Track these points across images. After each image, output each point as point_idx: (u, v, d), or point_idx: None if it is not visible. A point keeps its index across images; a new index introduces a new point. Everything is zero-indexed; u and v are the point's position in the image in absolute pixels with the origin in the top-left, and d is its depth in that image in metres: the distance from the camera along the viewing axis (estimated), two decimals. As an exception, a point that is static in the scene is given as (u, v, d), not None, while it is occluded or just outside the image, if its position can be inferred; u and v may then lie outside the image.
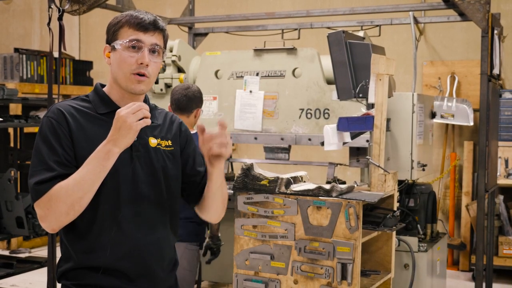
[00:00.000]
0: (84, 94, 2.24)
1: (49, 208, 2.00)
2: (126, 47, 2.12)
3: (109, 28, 2.20)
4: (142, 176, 2.17)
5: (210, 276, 5.53)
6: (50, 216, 2.02)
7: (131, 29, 2.13)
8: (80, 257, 2.12)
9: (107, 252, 2.11)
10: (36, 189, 2.02)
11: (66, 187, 2.00)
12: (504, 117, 6.68)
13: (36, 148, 2.09)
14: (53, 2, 4.01)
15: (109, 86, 2.22)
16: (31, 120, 6.19)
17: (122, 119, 1.97)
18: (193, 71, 5.47)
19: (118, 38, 2.15)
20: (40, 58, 7.84)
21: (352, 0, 7.51)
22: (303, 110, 4.97)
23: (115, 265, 2.12)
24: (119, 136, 1.98)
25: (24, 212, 5.64)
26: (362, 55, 3.83)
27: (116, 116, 1.99)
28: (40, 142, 2.08)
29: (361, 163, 4.71)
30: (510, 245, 6.45)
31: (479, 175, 5.05)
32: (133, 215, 2.15)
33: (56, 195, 2.00)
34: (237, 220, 3.51)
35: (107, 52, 2.19)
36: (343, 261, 3.27)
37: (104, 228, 2.11)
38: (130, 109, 1.98)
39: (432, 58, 7.31)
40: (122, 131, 1.98)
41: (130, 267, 2.14)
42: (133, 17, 2.14)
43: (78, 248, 2.12)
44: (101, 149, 2.01)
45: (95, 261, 2.11)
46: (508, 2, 7.03)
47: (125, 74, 2.13)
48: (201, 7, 7.57)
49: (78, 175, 2.01)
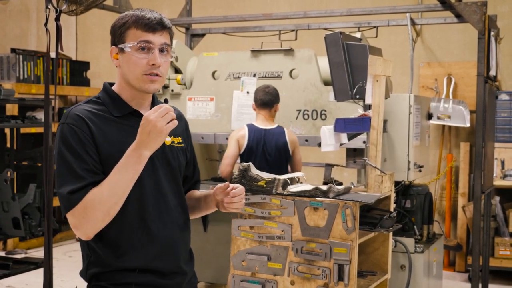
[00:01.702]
0: (95, 96, 2.21)
1: (85, 217, 2.01)
2: (136, 49, 2.11)
3: (114, 29, 2.17)
4: (162, 175, 2.20)
5: (207, 277, 5.53)
6: (86, 224, 2.02)
7: (139, 30, 2.11)
8: (113, 261, 2.12)
9: (139, 253, 2.13)
10: (70, 199, 2.01)
11: (101, 194, 2.00)
12: (500, 119, 6.70)
13: (62, 157, 2.06)
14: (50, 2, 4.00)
15: (120, 87, 2.21)
16: (28, 121, 6.18)
17: (152, 123, 1.99)
18: (190, 72, 5.47)
19: (126, 40, 2.13)
20: (37, 59, 7.83)
21: (349, 1, 7.52)
22: (300, 111, 4.97)
23: (148, 265, 2.15)
24: (150, 140, 2.01)
25: (20, 212, 5.63)
26: (359, 56, 3.83)
27: (144, 121, 2.00)
28: (65, 151, 2.06)
29: (358, 164, 4.72)
30: (506, 246, 6.46)
31: (476, 176, 5.06)
32: (159, 214, 2.18)
33: (91, 203, 2.00)
34: (234, 221, 3.52)
35: (115, 54, 2.17)
36: (340, 262, 3.28)
37: (133, 230, 2.13)
38: (158, 113, 2.00)
39: (429, 59, 7.32)
40: (153, 135, 2.00)
41: (163, 265, 2.18)
42: (140, 18, 2.12)
43: (110, 252, 2.12)
44: (131, 154, 2.02)
45: (129, 263, 2.13)
46: (504, 4, 7.05)
47: (137, 75, 2.13)
48: (198, 8, 7.57)
49: (111, 181, 2.02)
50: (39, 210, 5.99)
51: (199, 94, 5.33)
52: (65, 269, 6.54)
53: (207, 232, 5.34)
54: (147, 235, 2.14)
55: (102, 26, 9.01)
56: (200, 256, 5.49)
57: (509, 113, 6.75)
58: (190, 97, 5.36)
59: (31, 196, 5.92)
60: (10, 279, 5.93)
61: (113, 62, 2.19)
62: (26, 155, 6.83)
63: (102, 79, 9.03)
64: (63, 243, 7.96)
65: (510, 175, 6.58)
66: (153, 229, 2.16)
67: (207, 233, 5.34)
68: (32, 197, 5.92)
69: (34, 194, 5.94)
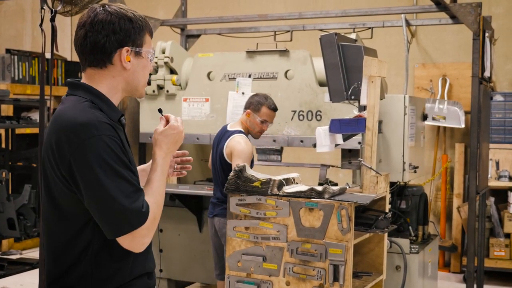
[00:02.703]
0: (84, 99, 2.03)
1: (152, 228, 2.00)
2: (150, 56, 2.13)
3: (129, 30, 2.04)
4: None
5: (202, 278, 5.53)
6: (149, 235, 2.01)
7: (149, 37, 2.12)
8: (126, 272, 2.06)
9: (142, 258, 2.11)
10: (144, 212, 1.95)
11: (157, 204, 2.03)
12: (495, 120, 6.72)
13: (114, 170, 1.92)
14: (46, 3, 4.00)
15: (111, 91, 2.08)
16: (23, 121, 6.18)
17: (181, 133, 2.13)
18: (186, 72, 5.47)
19: (144, 45, 2.08)
20: (32, 59, 7.82)
21: (344, 2, 7.53)
22: (295, 112, 4.98)
23: (146, 269, 2.15)
24: (175, 148, 2.14)
25: (15, 213, 5.62)
26: (354, 57, 3.84)
27: (174, 131, 2.11)
28: (114, 163, 1.92)
29: (353, 165, 4.73)
30: (501, 247, 6.48)
31: (470, 177, 5.07)
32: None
33: (157, 213, 2.02)
34: (230, 221, 3.52)
35: (127, 55, 2.05)
36: (335, 262, 3.28)
37: None
38: (180, 123, 2.13)
39: (424, 60, 7.34)
40: (178, 143, 2.13)
41: (151, 267, 2.20)
42: (148, 24, 2.12)
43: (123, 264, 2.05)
44: (164, 162, 2.10)
45: (141, 270, 2.12)
46: (499, 5, 7.07)
47: (144, 82, 2.15)
48: (194, 9, 7.57)
49: (157, 190, 2.05)
50: (34, 211, 5.99)
51: (194, 95, 5.32)
52: (60, 270, 6.52)
53: (202, 232, 5.34)
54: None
55: (97, 27, 8.99)
56: (195, 257, 5.50)
57: (503, 114, 6.77)
58: (185, 97, 5.35)
59: (26, 196, 5.92)
60: (5, 280, 5.92)
61: (123, 64, 2.05)
62: (21, 155, 6.82)
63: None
64: (58, 244, 7.94)
65: (505, 176, 6.60)
66: None
67: (202, 233, 5.34)
68: (27, 198, 5.92)
69: (29, 195, 5.94)
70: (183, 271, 5.52)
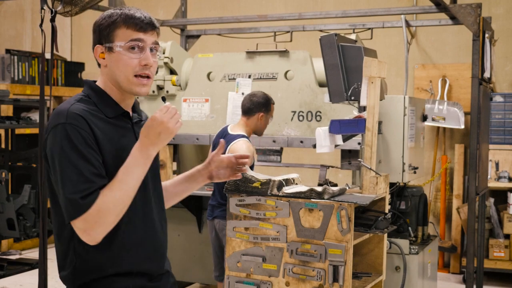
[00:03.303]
0: (81, 94, 2.13)
1: (98, 221, 1.96)
2: (127, 48, 2.07)
3: (100, 27, 2.10)
4: (148, 176, 2.16)
5: (202, 278, 5.53)
6: (98, 228, 1.97)
7: (129, 29, 2.07)
8: (106, 266, 2.08)
9: (131, 256, 2.10)
10: (81, 204, 1.95)
11: (113, 198, 1.97)
12: (494, 120, 6.72)
13: (67, 159, 1.97)
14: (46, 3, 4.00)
15: (107, 88, 2.14)
16: (23, 122, 6.18)
17: (164, 124, 2.00)
18: (186, 73, 5.47)
19: (115, 39, 2.08)
20: (32, 59, 7.82)
21: (344, 3, 7.53)
22: (295, 113, 4.98)
23: (140, 268, 2.13)
24: (159, 141, 2.02)
25: (15, 213, 5.63)
26: (354, 58, 3.84)
27: (154, 122, 2.00)
28: (70, 152, 1.97)
29: (353, 165, 4.73)
30: (500, 248, 6.48)
31: (470, 178, 5.07)
32: (146, 216, 2.17)
33: (106, 207, 1.96)
34: (229, 222, 3.52)
35: (100, 53, 2.11)
36: (335, 263, 3.28)
37: (126, 233, 2.10)
38: (169, 113, 2.01)
39: (424, 61, 7.34)
40: (163, 136, 2.01)
41: (151, 268, 2.17)
42: (130, 17, 2.08)
43: (103, 257, 2.07)
44: (140, 155, 2.02)
45: (123, 267, 2.10)
46: (499, 6, 7.07)
47: (127, 76, 2.09)
48: (194, 9, 7.57)
49: (121, 183, 1.99)
50: (34, 211, 5.99)
51: (194, 95, 5.32)
52: (59, 270, 6.53)
53: (202, 233, 5.34)
54: (137, 237, 2.13)
55: (97, 27, 9.00)
56: (195, 257, 5.50)
57: (503, 115, 6.77)
58: (185, 98, 5.35)
59: (25, 197, 5.92)
60: (5, 280, 5.92)
61: (99, 61, 2.13)
62: (21, 156, 6.82)
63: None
64: (58, 244, 7.95)
65: (505, 177, 6.60)
66: (142, 231, 2.14)
67: (202, 234, 5.34)
68: (26, 198, 5.92)
69: (29, 195, 5.94)
70: (182, 271, 5.52)
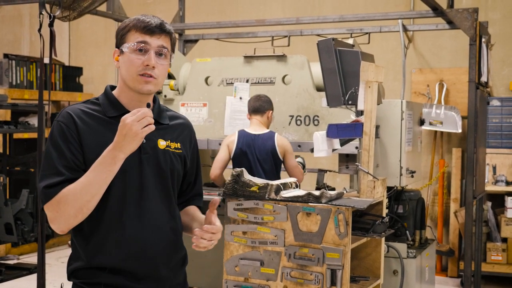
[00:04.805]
0: (95, 97, 2.28)
1: (58, 211, 2.08)
2: (133, 49, 2.17)
3: (117, 32, 2.25)
4: (151, 178, 2.21)
5: (200, 283, 5.53)
6: (59, 218, 2.09)
7: (137, 33, 2.18)
8: (88, 257, 2.17)
9: (113, 252, 2.15)
10: (45, 193, 2.08)
11: (74, 191, 2.06)
12: (492, 124, 6.73)
13: (47, 152, 2.14)
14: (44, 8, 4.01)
15: (119, 89, 2.26)
16: (21, 126, 6.18)
17: (127, 126, 2.02)
18: (183, 77, 5.48)
19: (126, 41, 2.20)
20: (30, 64, 7.83)
21: (341, 8, 7.55)
22: (293, 117, 4.99)
23: (122, 265, 2.16)
24: (125, 143, 2.04)
25: (13, 218, 5.62)
26: (351, 63, 3.85)
27: (121, 123, 2.03)
28: (50, 146, 2.13)
29: (351, 169, 4.74)
30: (498, 251, 6.49)
31: (467, 182, 5.08)
32: (138, 215, 2.18)
33: (65, 199, 2.06)
34: (227, 226, 3.52)
35: (116, 56, 2.24)
36: (333, 267, 3.29)
37: (110, 229, 2.15)
38: (135, 116, 2.03)
39: (421, 65, 7.36)
40: (128, 138, 2.03)
41: (136, 267, 2.18)
42: (139, 21, 2.20)
43: (87, 248, 2.17)
44: (107, 155, 2.06)
45: (102, 261, 2.16)
46: (495, 11, 7.10)
47: (132, 75, 2.18)
48: (192, 14, 7.59)
49: (85, 179, 2.07)
50: (32, 216, 5.99)
51: (192, 100, 5.34)
52: (57, 275, 6.53)
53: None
54: (122, 235, 2.15)
55: (95, 32, 9.01)
56: (193, 262, 5.49)
57: (500, 119, 6.79)
58: (183, 102, 5.36)
59: (23, 201, 5.92)
60: (3, 285, 5.92)
61: (115, 64, 2.25)
62: (19, 160, 6.82)
63: (95, 85, 9.07)
64: (56, 248, 7.94)
65: (502, 181, 6.61)
66: (130, 229, 2.16)
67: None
68: (24, 203, 5.92)
69: (27, 200, 5.94)
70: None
